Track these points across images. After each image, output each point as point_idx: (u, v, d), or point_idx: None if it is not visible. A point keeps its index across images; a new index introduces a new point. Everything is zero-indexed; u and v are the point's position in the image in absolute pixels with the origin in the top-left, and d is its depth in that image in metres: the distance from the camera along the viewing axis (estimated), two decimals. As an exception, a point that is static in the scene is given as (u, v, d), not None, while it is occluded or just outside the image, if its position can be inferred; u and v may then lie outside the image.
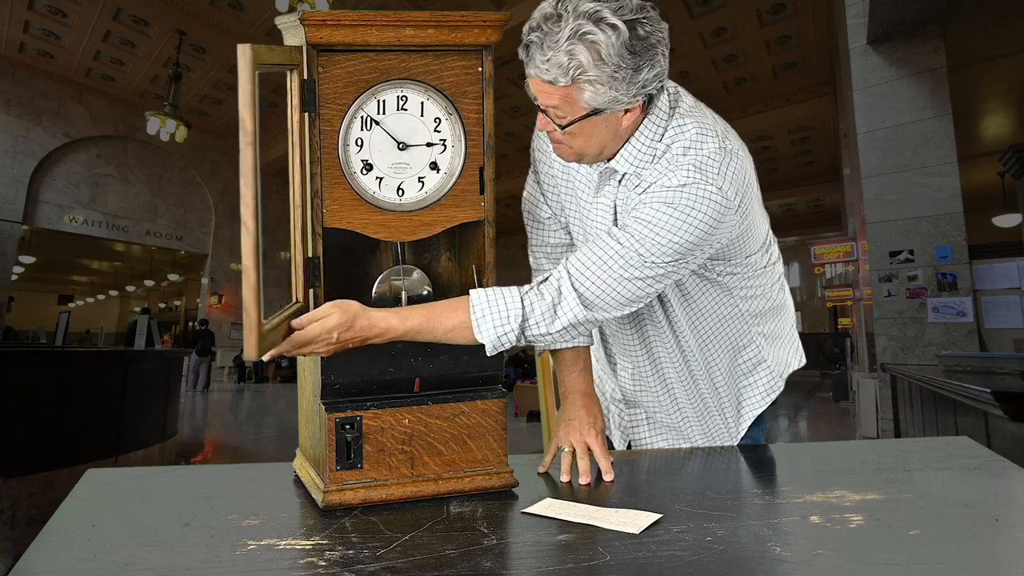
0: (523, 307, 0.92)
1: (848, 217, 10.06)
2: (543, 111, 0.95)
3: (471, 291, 0.93)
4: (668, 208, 0.92)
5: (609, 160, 1.02)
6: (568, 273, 0.94)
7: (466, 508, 0.84)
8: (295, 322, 0.83)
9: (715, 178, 0.93)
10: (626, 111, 0.94)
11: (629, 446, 1.30)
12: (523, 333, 0.93)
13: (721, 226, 0.94)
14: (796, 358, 1.32)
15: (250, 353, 0.71)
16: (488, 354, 0.93)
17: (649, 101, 0.96)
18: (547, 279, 0.96)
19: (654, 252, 0.92)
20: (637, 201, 0.97)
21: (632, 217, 0.95)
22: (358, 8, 0.93)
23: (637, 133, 0.99)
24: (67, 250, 17.02)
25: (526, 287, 0.96)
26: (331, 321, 0.83)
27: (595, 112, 0.91)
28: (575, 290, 0.93)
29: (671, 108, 1.01)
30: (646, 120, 0.99)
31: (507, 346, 0.93)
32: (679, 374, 1.20)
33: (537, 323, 0.93)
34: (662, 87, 0.96)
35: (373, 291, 1.00)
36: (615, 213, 1.06)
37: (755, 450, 1.18)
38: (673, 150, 0.98)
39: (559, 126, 0.94)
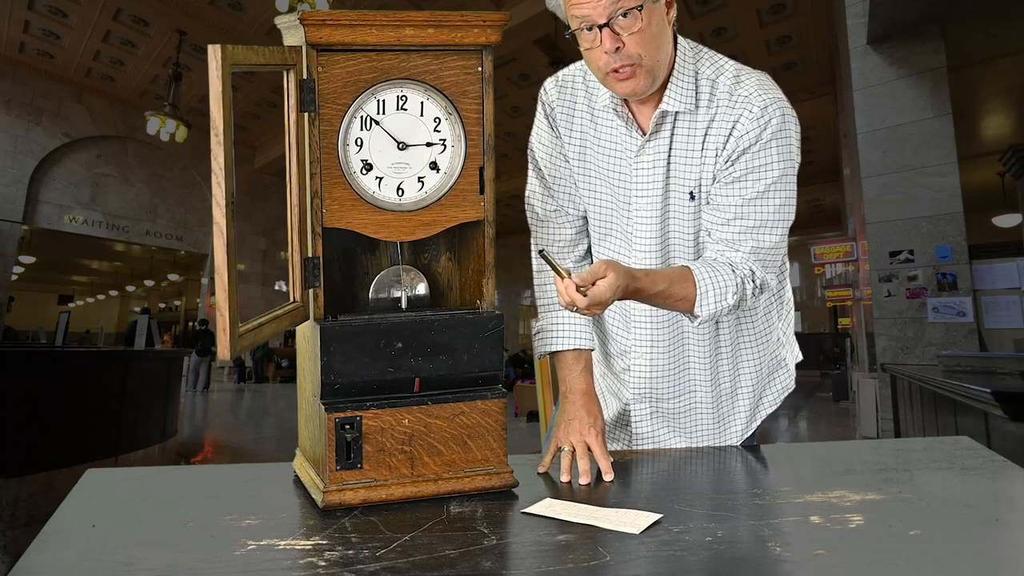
0: (737, 287, 1.03)
1: (848, 217, 10.06)
2: (606, 25, 0.96)
3: (693, 268, 1.03)
4: (767, 141, 1.03)
5: (654, 109, 1.09)
6: (751, 254, 1.05)
7: (466, 508, 0.84)
8: (580, 279, 0.91)
9: (777, 92, 1.05)
10: (668, 3, 1.01)
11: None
12: (734, 309, 1.05)
13: (799, 131, 1.07)
14: (797, 353, 1.36)
15: (223, 354, 0.71)
16: (697, 323, 1.05)
17: None
18: (734, 268, 1.04)
19: (780, 191, 1.05)
20: (733, 146, 1.05)
21: (746, 172, 1.04)
22: (358, 8, 0.93)
23: (675, 70, 1.07)
24: (67, 250, 17.00)
25: (726, 266, 1.05)
26: (612, 280, 0.92)
27: None
28: (762, 264, 1.05)
29: (693, 48, 1.09)
30: (677, 58, 1.07)
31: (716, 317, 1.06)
32: (705, 365, 1.20)
33: (744, 299, 1.05)
34: None
35: (371, 292, 1.00)
36: (668, 162, 1.10)
37: (755, 450, 1.18)
38: (722, 83, 1.06)
39: (637, 7, 0.95)
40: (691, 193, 1.08)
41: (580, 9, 0.96)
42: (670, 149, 1.09)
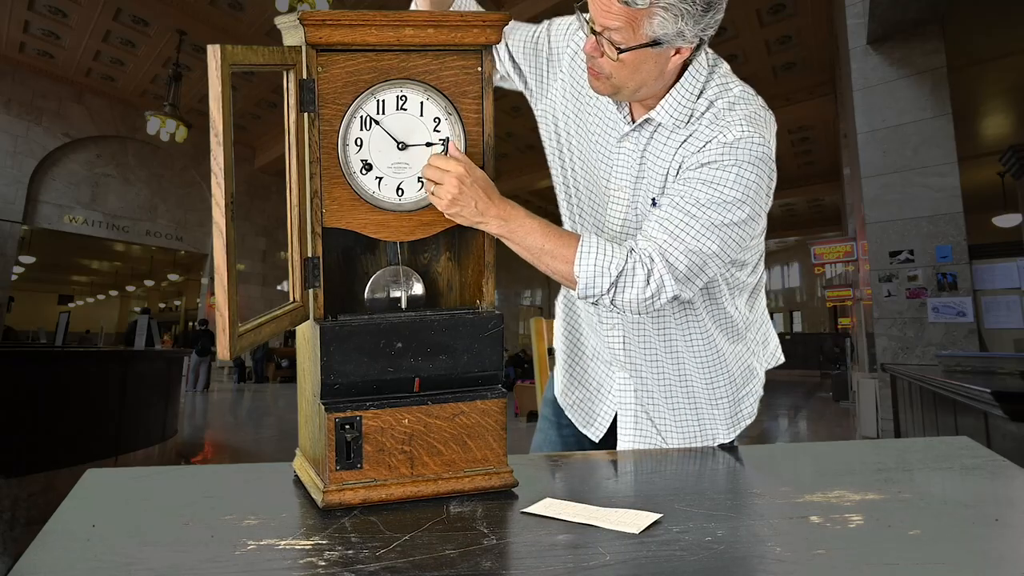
0: (625, 262, 0.95)
1: (848, 217, 10.06)
2: (597, 34, 0.95)
3: (583, 233, 0.98)
4: (730, 165, 0.96)
5: (647, 109, 1.04)
6: (658, 245, 0.96)
7: (466, 508, 0.84)
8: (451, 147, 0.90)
9: (764, 131, 0.98)
10: (677, 51, 0.96)
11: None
12: (615, 286, 0.96)
13: (771, 182, 0.98)
14: (776, 356, 1.34)
15: (222, 354, 0.71)
16: (578, 296, 0.97)
17: (697, 48, 0.99)
18: (633, 250, 0.97)
19: (723, 213, 0.95)
20: (695, 160, 0.99)
21: (696, 180, 0.97)
22: (358, 8, 0.93)
23: (677, 85, 1.02)
24: (67, 250, 17.02)
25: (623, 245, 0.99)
26: (464, 167, 0.89)
27: (654, 43, 0.93)
28: (666, 260, 0.95)
29: (710, 68, 1.04)
30: (686, 74, 1.02)
31: (596, 295, 0.96)
32: (677, 383, 1.20)
33: (630, 283, 0.96)
34: (709, 38, 0.99)
35: (367, 292, 1.00)
36: (640, 163, 1.08)
37: (754, 450, 1.18)
38: (717, 106, 1.02)
39: (617, 48, 0.93)
40: (653, 200, 1.07)
41: (590, 5, 0.96)
42: (644, 152, 1.07)
